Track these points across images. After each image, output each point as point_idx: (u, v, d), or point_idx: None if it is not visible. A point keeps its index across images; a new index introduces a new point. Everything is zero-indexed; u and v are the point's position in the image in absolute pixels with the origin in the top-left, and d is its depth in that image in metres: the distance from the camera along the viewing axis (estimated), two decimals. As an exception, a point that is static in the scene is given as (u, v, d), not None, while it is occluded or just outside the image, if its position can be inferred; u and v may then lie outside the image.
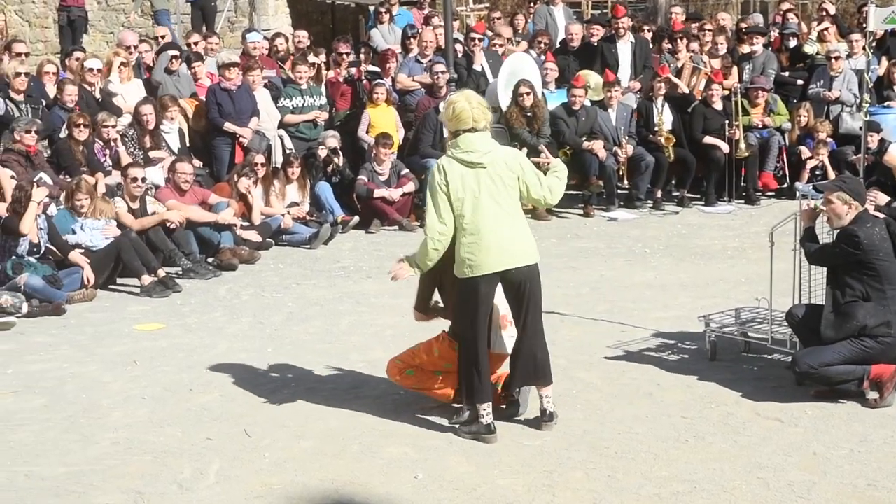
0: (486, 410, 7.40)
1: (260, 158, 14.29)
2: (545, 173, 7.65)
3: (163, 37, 16.90)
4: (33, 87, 13.75)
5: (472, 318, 7.36)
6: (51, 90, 14.19)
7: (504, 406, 7.76)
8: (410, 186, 14.78)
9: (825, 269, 8.20)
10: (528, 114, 15.40)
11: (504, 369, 7.80)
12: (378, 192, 14.61)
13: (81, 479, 6.92)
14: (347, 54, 16.52)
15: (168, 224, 12.62)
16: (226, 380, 8.73)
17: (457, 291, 7.44)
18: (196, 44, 16.63)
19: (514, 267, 7.28)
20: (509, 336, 7.64)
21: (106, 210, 12.13)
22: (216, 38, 17.36)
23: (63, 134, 13.32)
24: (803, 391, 7.95)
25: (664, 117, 15.84)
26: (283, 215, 14.02)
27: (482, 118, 7.33)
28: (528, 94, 15.32)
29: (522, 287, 7.35)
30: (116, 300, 11.53)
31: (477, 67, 16.51)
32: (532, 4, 20.33)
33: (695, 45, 17.01)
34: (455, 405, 7.74)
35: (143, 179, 12.69)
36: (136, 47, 15.90)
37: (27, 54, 15.11)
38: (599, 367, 8.79)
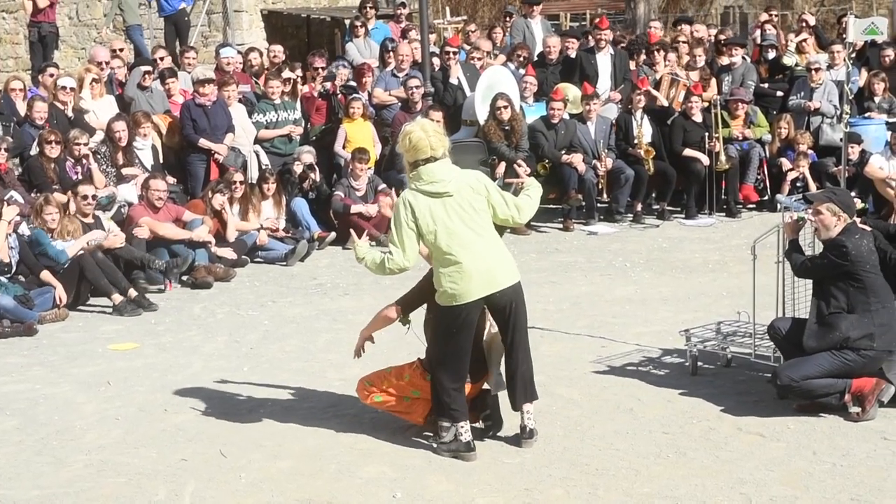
0: (464, 428, 7.32)
1: (238, 176, 14.17)
2: (518, 193, 7.57)
3: (121, 49, 16.78)
4: (3, 104, 13.63)
5: (455, 341, 7.29)
6: (20, 107, 14.05)
7: (480, 426, 7.67)
8: (387, 201, 14.67)
9: (809, 282, 8.16)
10: (506, 127, 15.33)
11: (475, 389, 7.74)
12: (355, 208, 14.50)
13: (54, 502, 6.84)
14: (322, 69, 16.42)
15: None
16: (201, 399, 8.63)
17: (439, 316, 7.35)
18: (162, 59, 16.50)
19: (499, 290, 7.21)
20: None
21: (73, 230, 11.94)
22: (193, 53, 17.22)
23: (34, 151, 13.18)
24: (785, 405, 7.89)
25: (643, 130, 15.80)
26: (257, 230, 13.91)
27: (440, 146, 7.23)
28: (505, 107, 15.26)
29: (508, 308, 7.30)
30: (89, 320, 11.41)
31: (453, 81, 16.45)
32: (508, 18, 20.28)
33: (672, 56, 16.96)
34: (429, 424, 7.64)
35: (94, 197, 12.50)
36: (107, 63, 15.78)
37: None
38: (580, 382, 8.71)
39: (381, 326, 7.87)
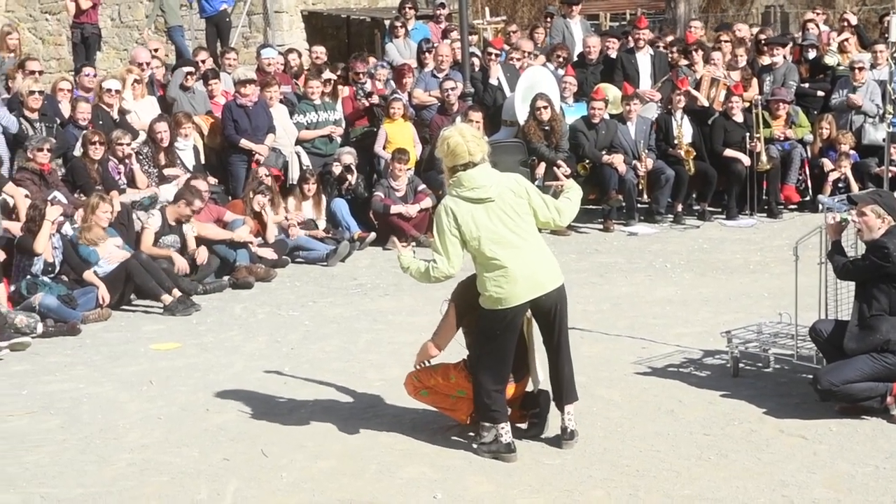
0: (504, 429, 7.32)
1: (263, 171, 14.21)
2: (558, 196, 7.58)
3: (156, 50, 16.85)
4: (47, 105, 13.72)
5: (497, 344, 7.28)
6: (65, 108, 14.15)
7: (525, 426, 7.69)
8: (427, 202, 14.67)
9: (851, 284, 8.10)
10: (546, 128, 15.32)
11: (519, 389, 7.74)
12: (395, 209, 14.52)
13: (98, 501, 6.88)
14: (364, 73, 16.44)
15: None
16: (242, 399, 8.66)
17: (483, 320, 7.33)
18: (204, 61, 16.56)
19: (544, 293, 7.21)
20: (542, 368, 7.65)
21: (98, 237, 11.98)
22: (233, 54, 17.29)
23: (77, 152, 13.27)
24: (827, 407, 7.83)
25: (684, 130, 15.73)
26: (286, 220, 13.94)
27: (478, 150, 7.21)
28: (545, 107, 15.25)
29: (553, 311, 7.30)
30: (132, 320, 11.49)
31: (493, 81, 16.44)
32: (549, 18, 20.23)
33: (717, 55, 16.85)
34: (472, 425, 7.64)
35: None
36: (148, 64, 15.87)
37: (41, 72, 15.08)
38: (620, 383, 8.69)
39: (425, 356, 7.80)
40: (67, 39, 21.36)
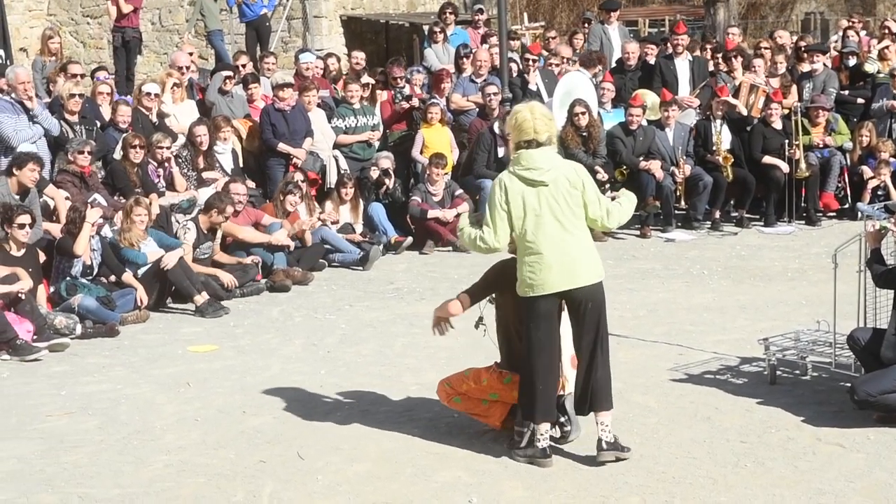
0: (543, 434, 7.27)
1: (299, 176, 14.26)
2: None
3: (190, 53, 16.91)
4: (87, 108, 13.81)
5: (534, 335, 7.22)
6: (105, 111, 14.24)
7: (557, 433, 7.63)
8: (464, 207, 14.68)
9: (890, 292, 8.05)
10: (584, 133, 15.30)
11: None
12: (432, 213, 14.54)
13: (135, 502, 6.91)
14: (402, 78, 16.46)
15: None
16: (279, 402, 8.68)
17: (520, 309, 7.32)
18: (244, 65, 16.63)
19: (576, 287, 7.14)
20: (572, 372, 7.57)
21: (137, 238, 12.03)
22: (272, 59, 17.34)
23: (117, 155, 13.35)
24: (866, 416, 7.77)
25: (723, 137, 15.67)
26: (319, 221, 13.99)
27: (544, 130, 7.20)
28: (583, 113, 15.22)
29: (585, 307, 7.19)
30: (169, 321, 11.54)
31: (532, 87, 16.45)
32: (587, 24, 20.21)
33: (759, 62, 16.78)
34: (506, 429, 7.64)
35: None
36: (188, 68, 15.94)
37: (82, 76, 15.19)
38: (657, 390, 8.67)
39: (445, 315, 7.75)
40: (108, 43, 21.52)
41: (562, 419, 7.60)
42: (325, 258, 13.79)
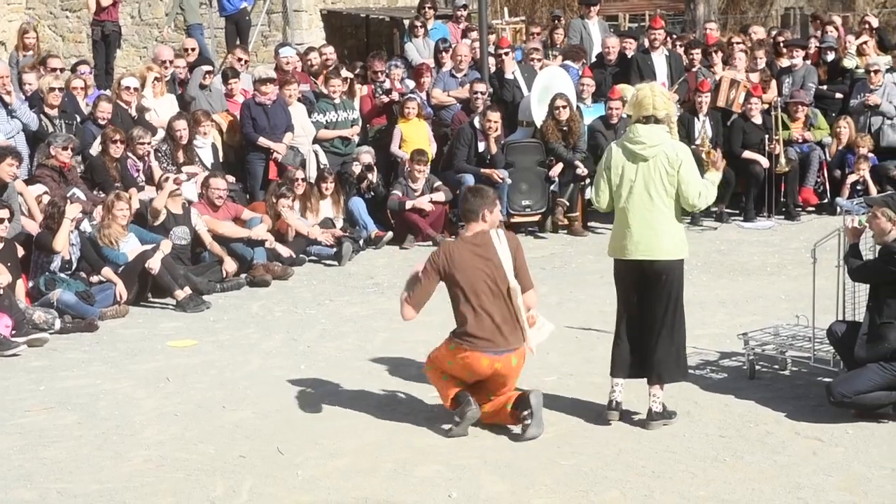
0: (614, 387, 7.85)
1: (300, 174, 14.25)
2: (702, 160, 8.11)
3: (193, 49, 16.84)
4: (67, 102, 13.75)
5: (618, 295, 7.92)
6: (83, 105, 14.18)
7: (520, 429, 7.67)
8: (442, 196, 14.68)
9: (868, 286, 8.08)
10: (564, 128, 15.29)
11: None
12: (409, 203, 14.51)
13: (114, 497, 6.90)
14: (381, 72, 16.42)
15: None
16: (259, 397, 8.69)
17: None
18: (240, 60, 16.51)
19: (649, 259, 7.64)
20: (536, 330, 7.68)
21: (117, 236, 12.00)
22: (244, 54, 17.13)
23: (95, 150, 13.30)
24: (844, 410, 7.81)
25: (707, 132, 15.69)
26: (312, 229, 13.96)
27: (662, 108, 7.67)
28: (564, 107, 15.20)
29: (660, 281, 7.69)
30: (149, 316, 11.51)
31: (509, 76, 16.39)
32: (556, 21, 20.13)
33: (741, 56, 16.83)
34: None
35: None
36: (171, 62, 15.89)
37: (62, 69, 15.11)
38: (637, 385, 8.63)
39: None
40: (88, 37, 21.41)
41: (524, 413, 7.58)
42: (303, 252, 13.74)
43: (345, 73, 16.43)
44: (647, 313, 7.77)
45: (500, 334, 7.59)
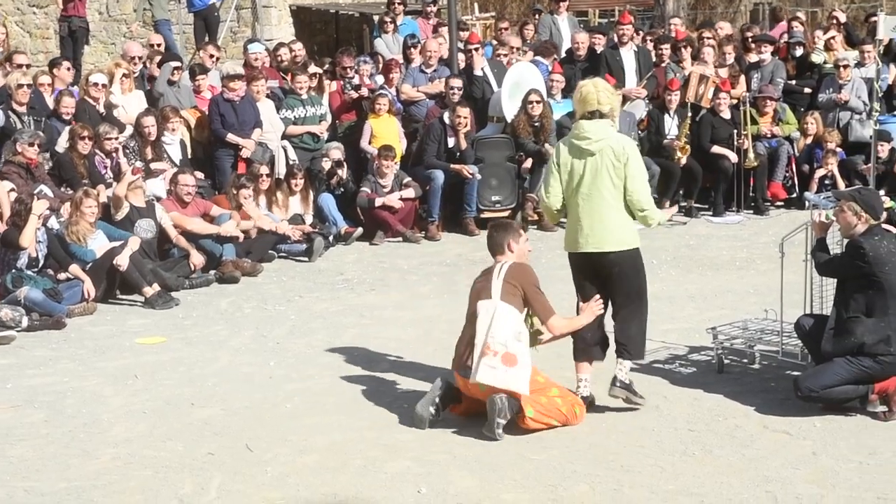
0: (583, 381, 8.03)
1: (265, 170, 14.20)
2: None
3: (159, 44, 16.76)
4: (34, 98, 13.66)
5: (576, 286, 8.19)
6: (52, 102, 14.09)
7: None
8: (411, 192, 14.67)
9: (836, 280, 8.11)
10: (536, 123, 15.28)
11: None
12: (378, 200, 14.49)
13: (82, 495, 6.86)
14: (351, 68, 16.37)
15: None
16: (227, 394, 8.66)
17: None
18: (212, 57, 16.47)
19: (600, 251, 7.86)
20: (487, 365, 7.55)
21: (85, 233, 11.94)
22: (214, 50, 17.10)
23: (61, 146, 13.22)
24: (812, 404, 7.83)
25: (676, 126, 15.72)
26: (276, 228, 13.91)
27: (607, 102, 7.82)
28: (537, 102, 15.20)
29: (612, 272, 7.92)
30: (117, 314, 11.45)
31: (478, 73, 16.37)
32: (536, 15, 20.18)
33: (708, 51, 16.89)
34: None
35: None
36: (140, 58, 15.82)
37: (28, 66, 15.02)
38: (606, 379, 8.66)
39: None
40: (55, 33, 21.28)
41: (500, 422, 7.54)
42: (273, 249, 13.70)
43: (313, 68, 16.38)
44: (613, 302, 8.08)
45: (466, 356, 7.74)
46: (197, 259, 12.46)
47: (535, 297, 7.86)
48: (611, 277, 7.96)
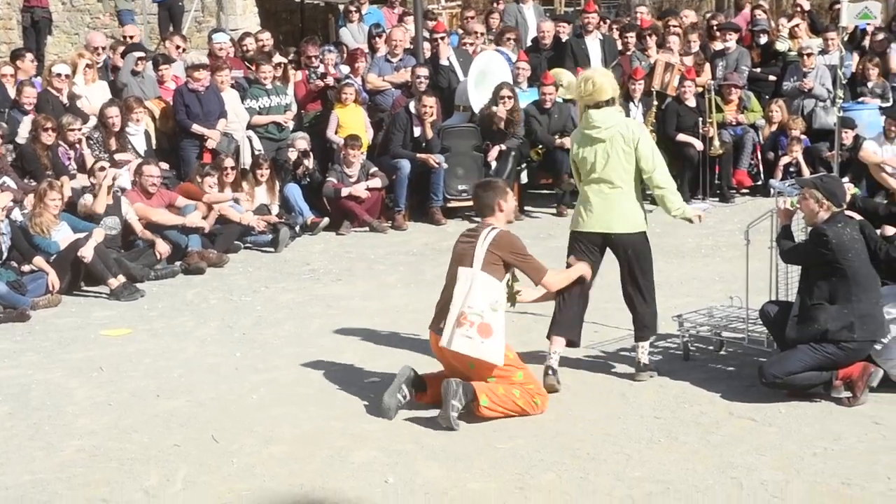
0: (554, 351, 8.19)
1: (230, 162, 14.14)
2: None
3: (131, 37, 16.67)
4: (-3, 90, 13.59)
5: (570, 254, 8.37)
6: (11, 92, 13.99)
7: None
8: (378, 182, 14.65)
9: (800, 267, 8.15)
10: (507, 117, 15.24)
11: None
12: (345, 190, 14.47)
13: (46, 488, 6.81)
14: (316, 57, 16.32)
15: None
16: (193, 385, 8.62)
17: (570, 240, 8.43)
18: (178, 47, 16.39)
19: (613, 233, 8.18)
20: (463, 335, 7.55)
21: (49, 225, 11.86)
22: (180, 40, 17.03)
23: (24, 137, 13.12)
24: (777, 391, 7.87)
25: (639, 115, 15.76)
26: (236, 203, 13.85)
27: (614, 89, 8.22)
28: (509, 97, 15.16)
29: (624, 253, 8.26)
30: (82, 305, 11.39)
31: (444, 62, 16.35)
32: (496, 3, 20.13)
33: (673, 39, 16.93)
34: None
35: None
36: (104, 48, 15.72)
37: (-10, 57, 14.94)
38: (573, 367, 8.70)
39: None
40: (18, 23, 21.13)
41: (455, 405, 7.51)
42: (238, 240, 13.66)
43: (278, 58, 16.33)
44: (626, 283, 8.44)
45: (441, 317, 7.74)
46: (163, 248, 12.41)
47: (524, 263, 7.93)
48: (625, 260, 8.29)
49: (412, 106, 15.09)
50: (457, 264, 7.80)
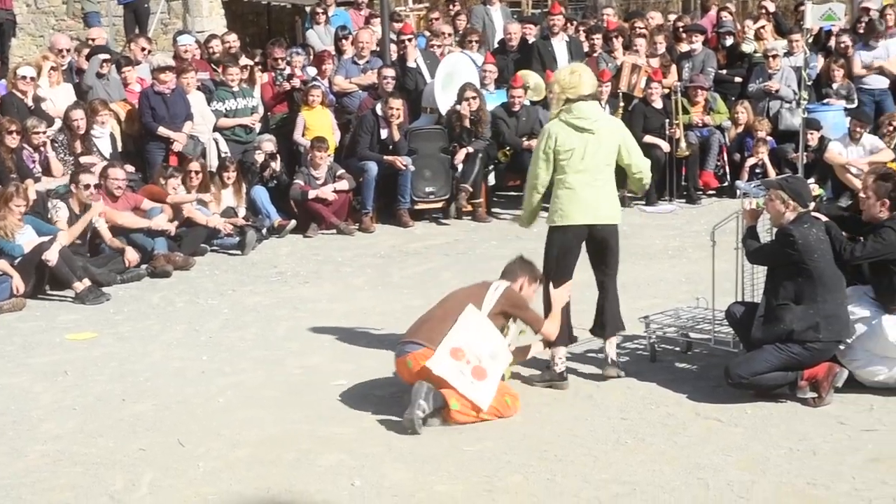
0: (560, 356, 8.24)
1: (194, 165, 14.06)
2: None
3: (93, 39, 16.59)
4: (-38, 94, 13.48)
5: (560, 263, 8.36)
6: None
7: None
8: (345, 184, 14.62)
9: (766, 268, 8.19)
10: (472, 117, 15.25)
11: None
12: (312, 193, 14.44)
13: (10, 493, 6.76)
14: (282, 59, 16.28)
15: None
16: (159, 389, 8.58)
17: (548, 238, 8.41)
18: (143, 50, 16.31)
19: (599, 224, 8.23)
20: (457, 369, 7.58)
21: (15, 229, 11.77)
22: (145, 42, 16.95)
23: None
24: (743, 391, 7.89)
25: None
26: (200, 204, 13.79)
27: (596, 85, 8.45)
28: (473, 98, 15.18)
29: (604, 243, 8.35)
30: (47, 309, 11.31)
31: (411, 64, 16.35)
32: (451, 5, 20.11)
33: (641, 41, 16.99)
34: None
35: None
36: (68, 51, 15.63)
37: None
38: (540, 368, 8.70)
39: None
40: (-19, 26, 20.99)
41: (422, 405, 7.48)
42: (205, 243, 13.60)
43: (245, 60, 16.29)
44: (599, 275, 8.56)
45: (417, 328, 7.87)
46: (132, 256, 12.35)
47: (525, 315, 8.14)
48: (604, 250, 8.39)
49: (379, 108, 15.07)
50: (466, 297, 7.92)
